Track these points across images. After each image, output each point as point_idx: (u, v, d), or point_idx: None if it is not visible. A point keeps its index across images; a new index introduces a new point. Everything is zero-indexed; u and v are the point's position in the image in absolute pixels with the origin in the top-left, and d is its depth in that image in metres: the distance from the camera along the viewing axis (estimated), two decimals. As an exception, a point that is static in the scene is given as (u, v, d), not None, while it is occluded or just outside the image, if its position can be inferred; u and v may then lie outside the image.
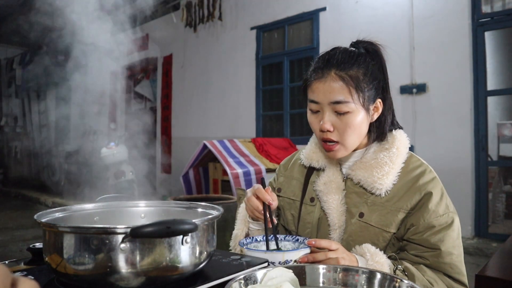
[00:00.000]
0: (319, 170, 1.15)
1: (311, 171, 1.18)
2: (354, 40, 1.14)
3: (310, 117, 1.06)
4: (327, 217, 1.07)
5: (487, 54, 4.16)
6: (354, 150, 1.09)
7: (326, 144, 1.04)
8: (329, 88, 0.99)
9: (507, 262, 1.08)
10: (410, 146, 1.10)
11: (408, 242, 1.00)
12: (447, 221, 0.98)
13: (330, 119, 1.01)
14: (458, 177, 4.10)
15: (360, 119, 1.01)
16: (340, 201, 1.07)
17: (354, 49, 1.08)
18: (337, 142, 1.03)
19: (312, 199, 1.14)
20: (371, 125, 1.07)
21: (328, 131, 1.02)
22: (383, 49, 1.09)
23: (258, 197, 1.04)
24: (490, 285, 0.90)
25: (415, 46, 4.42)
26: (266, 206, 1.02)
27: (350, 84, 0.98)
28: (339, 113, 1.00)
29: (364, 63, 1.02)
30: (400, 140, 1.07)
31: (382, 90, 1.05)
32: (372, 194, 1.03)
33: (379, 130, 1.08)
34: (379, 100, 1.05)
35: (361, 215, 1.03)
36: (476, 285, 0.94)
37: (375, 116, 1.06)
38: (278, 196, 1.24)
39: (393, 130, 1.09)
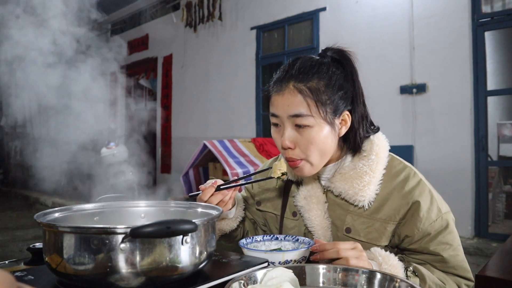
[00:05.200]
0: (298, 183, 1.10)
1: (290, 184, 1.13)
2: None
3: (273, 132, 1.01)
4: (312, 234, 1.03)
5: (487, 54, 4.16)
6: (326, 164, 1.03)
7: (291, 162, 0.98)
8: (287, 101, 0.93)
9: (507, 262, 1.08)
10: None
11: (406, 250, 0.98)
12: (442, 224, 0.95)
13: (291, 134, 0.95)
14: (458, 177, 4.10)
15: (323, 134, 0.94)
16: (323, 216, 1.02)
17: (318, 58, 1.00)
18: (301, 159, 0.97)
19: (294, 214, 1.10)
20: (341, 139, 1.01)
21: (289, 148, 0.95)
22: (353, 57, 1.00)
23: (209, 195, 1.04)
24: (490, 285, 0.90)
25: (415, 46, 4.42)
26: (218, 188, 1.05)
27: (309, 97, 0.92)
28: (299, 127, 0.94)
29: (326, 73, 0.95)
30: (378, 144, 1.00)
31: (351, 101, 0.98)
32: (356, 205, 0.98)
33: (351, 145, 1.01)
34: (347, 112, 0.97)
35: (348, 230, 0.99)
36: (476, 285, 0.94)
37: (343, 130, 0.98)
38: (258, 210, 1.21)
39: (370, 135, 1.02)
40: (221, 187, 1.05)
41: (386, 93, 4.51)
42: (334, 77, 0.95)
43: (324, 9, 5.31)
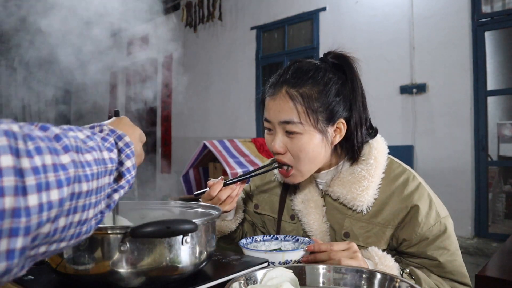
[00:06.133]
0: (295, 186, 1.09)
1: (287, 186, 1.13)
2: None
3: (266, 136, 1.01)
4: (311, 238, 1.03)
5: (487, 54, 4.16)
6: (322, 170, 1.03)
7: (281, 169, 0.98)
8: (278, 107, 0.92)
9: (507, 262, 1.08)
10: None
11: (404, 254, 0.98)
12: (440, 229, 0.93)
13: (282, 139, 0.94)
14: (458, 177, 4.10)
15: (314, 143, 0.93)
16: (322, 220, 1.01)
17: (316, 62, 0.98)
18: (291, 167, 0.96)
19: (292, 217, 1.09)
20: (338, 145, 1.00)
21: (279, 153, 0.95)
22: (356, 62, 0.98)
23: (218, 190, 1.02)
24: (490, 285, 0.90)
25: (415, 46, 4.42)
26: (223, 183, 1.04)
27: (300, 104, 0.90)
28: (290, 133, 0.93)
29: (322, 79, 0.93)
30: (376, 148, 0.99)
31: (349, 107, 0.96)
32: (354, 210, 0.97)
33: (349, 152, 0.99)
34: (342, 120, 0.95)
35: (346, 235, 0.98)
36: (476, 285, 0.94)
37: (337, 139, 0.97)
38: (256, 213, 1.21)
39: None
40: (228, 182, 1.05)
41: (386, 93, 4.51)
42: (329, 84, 0.93)
43: (324, 9, 5.31)
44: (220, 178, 1.06)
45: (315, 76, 0.93)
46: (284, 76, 0.95)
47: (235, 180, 1.05)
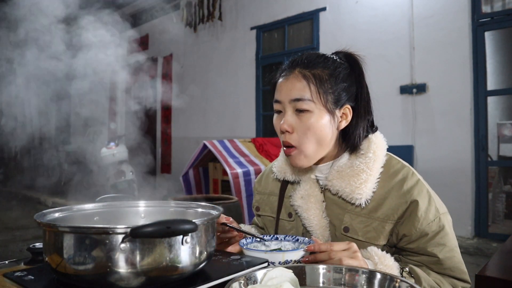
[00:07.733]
0: (294, 183, 1.10)
1: (285, 184, 1.13)
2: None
3: (275, 119, 1.03)
4: (310, 234, 1.03)
5: (487, 54, 4.16)
6: (323, 162, 1.04)
7: (286, 148, 1.00)
8: (291, 86, 0.97)
9: (507, 262, 1.08)
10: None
11: (404, 250, 0.98)
12: (440, 225, 0.95)
13: (291, 119, 0.97)
14: (458, 177, 4.10)
15: (322, 122, 0.96)
16: (321, 215, 1.02)
17: (326, 54, 1.04)
18: (295, 147, 0.98)
19: (290, 215, 1.09)
20: (340, 136, 1.02)
21: (287, 131, 0.97)
22: (362, 61, 1.03)
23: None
24: (490, 285, 0.90)
25: (415, 46, 4.42)
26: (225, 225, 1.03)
27: (312, 82, 0.95)
28: (299, 111, 0.96)
29: (332, 65, 0.99)
30: (376, 143, 1.01)
31: (355, 97, 1.01)
32: (353, 204, 0.98)
33: (350, 143, 1.01)
34: (348, 106, 1.00)
35: (346, 229, 0.98)
36: (476, 285, 0.94)
37: (343, 124, 1.00)
38: (257, 215, 1.21)
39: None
40: (228, 225, 1.03)
41: (386, 93, 4.51)
42: (338, 69, 0.99)
43: (324, 9, 5.31)
44: (226, 217, 1.04)
45: (325, 61, 0.99)
46: (297, 60, 1.01)
47: (235, 228, 1.03)
